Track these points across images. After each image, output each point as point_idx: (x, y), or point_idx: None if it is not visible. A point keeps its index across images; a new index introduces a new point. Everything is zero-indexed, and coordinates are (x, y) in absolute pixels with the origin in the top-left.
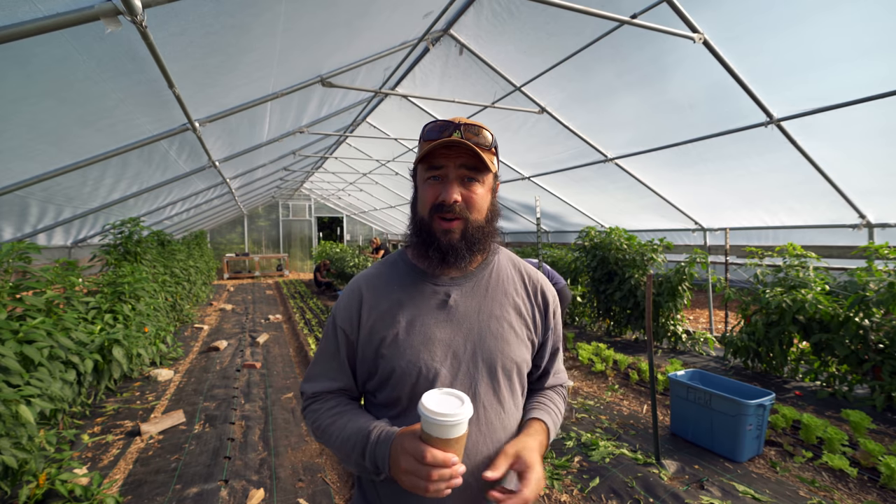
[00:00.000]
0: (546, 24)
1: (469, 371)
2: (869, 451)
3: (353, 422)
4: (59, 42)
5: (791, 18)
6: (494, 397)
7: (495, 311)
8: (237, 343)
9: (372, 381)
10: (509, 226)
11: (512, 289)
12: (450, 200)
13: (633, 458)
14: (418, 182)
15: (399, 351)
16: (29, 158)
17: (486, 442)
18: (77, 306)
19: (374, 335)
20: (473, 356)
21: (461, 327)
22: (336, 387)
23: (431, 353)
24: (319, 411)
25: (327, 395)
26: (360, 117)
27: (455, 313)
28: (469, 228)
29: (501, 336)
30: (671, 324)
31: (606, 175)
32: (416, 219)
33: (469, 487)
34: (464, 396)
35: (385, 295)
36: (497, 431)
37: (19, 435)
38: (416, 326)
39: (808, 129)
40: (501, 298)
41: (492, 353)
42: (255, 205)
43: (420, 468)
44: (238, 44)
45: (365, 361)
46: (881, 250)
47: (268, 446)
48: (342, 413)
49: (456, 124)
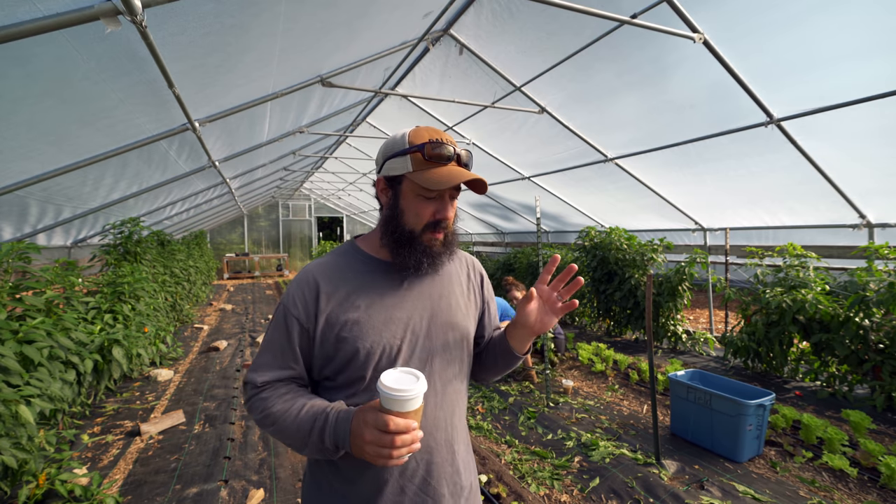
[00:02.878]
0: (546, 23)
1: (425, 345)
2: (869, 452)
3: (308, 405)
4: (58, 42)
5: (791, 18)
6: (448, 366)
7: (444, 291)
8: (237, 343)
9: (331, 366)
10: (509, 226)
11: (454, 271)
12: (449, 218)
13: (633, 459)
14: (405, 192)
15: (362, 332)
16: (28, 158)
17: (443, 406)
18: (77, 306)
19: (332, 321)
20: (428, 332)
21: (416, 306)
22: (287, 375)
23: (392, 332)
24: (269, 399)
25: (277, 384)
26: (360, 117)
27: (410, 294)
28: (448, 236)
29: (450, 311)
30: (671, 324)
31: (606, 175)
32: (401, 229)
33: (428, 450)
34: (419, 374)
35: (342, 282)
36: (450, 396)
37: (19, 435)
38: (375, 308)
39: (809, 129)
40: (447, 280)
41: (444, 327)
42: (255, 205)
43: (383, 437)
44: (238, 44)
45: (324, 347)
46: (881, 250)
47: (267, 446)
48: (295, 399)
49: (457, 152)
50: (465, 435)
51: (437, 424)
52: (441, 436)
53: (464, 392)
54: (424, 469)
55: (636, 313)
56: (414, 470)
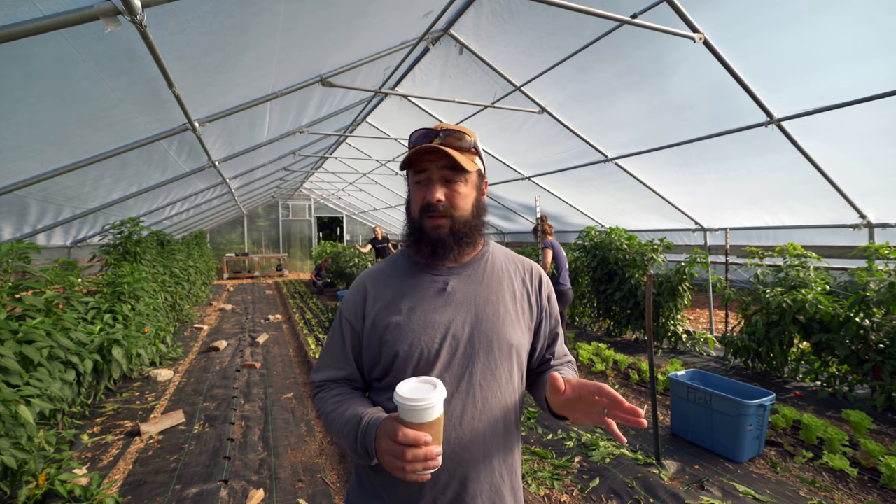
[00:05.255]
0: (546, 23)
1: (466, 351)
2: (869, 452)
3: (351, 408)
4: (58, 41)
5: (791, 18)
6: (491, 376)
7: (491, 297)
8: (237, 343)
9: (377, 369)
10: (509, 226)
11: (506, 276)
12: (433, 200)
13: (633, 459)
14: (409, 185)
15: (402, 335)
16: (28, 158)
17: (482, 419)
18: (76, 306)
19: (377, 324)
20: (470, 338)
21: (459, 311)
22: (340, 376)
23: (431, 336)
24: (324, 399)
25: (332, 384)
26: (360, 117)
27: (453, 299)
28: (456, 224)
29: (497, 318)
30: (671, 324)
31: (606, 175)
32: (410, 219)
33: (463, 464)
34: (437, 382)
35: (387, 287)
36: (493, 409)
37: (19, 435)
38: (416, 312)
39: (809, 129)
40: (496, 285)
41: (488, 334)
42: (254, 205)
43: (395, 447)
44: (238, 43)
45: (370, 350)
46: (881, 250)
47: (267, 446)
48: (343, 401)
49: (437, 131)
50: (511, 454)
51: (476, 438)
52: (478, 450)
53: (512, 406)
54: (459, 483)
55: (636, 313)
56: (446, 483)
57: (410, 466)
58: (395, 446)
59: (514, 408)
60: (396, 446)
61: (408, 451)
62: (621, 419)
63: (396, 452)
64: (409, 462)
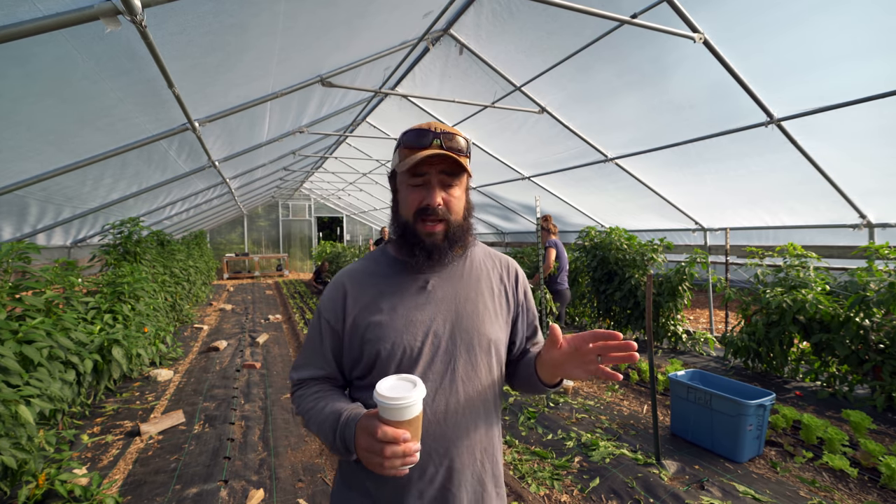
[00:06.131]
0: (546, 23)
1: (448, 348)
2: (869, 452)
3: (331, 405)
4: (58, 41)
5: (791, 18)
6: (473, 372)
7: (470, 294)
8: (237, 343)
9: (358, 368)
10: (509, 226)
11: (484, 273)
12: (434, 205)
13: (633, 459)
14: (399, 186)
15: (384, 334)
16: (28, 158)
17: (465, 412)
18: (76, 306)
19: (358, 323)
20: (452, 335)
21: (440, 309)
22: (320, 374)
23: (413, 334)
24: (303, 396)
25: (311, 382)
26: (360, 117)
27: (433, 297)
28: (451, 229)
29: (476, 315)
30: (671, 324)
31: (606, 175)
32: (399, 221)
33: (449, 456)
34: (417, 380)
35: (368, 286)
36: (474, 402)
37: (19, 435)
38: (398, 311)
39: (809, 129)
40: (475, 282)
41: (468, 331)
42: (254, 205)
43: (374, 444)
44: (237, 43)
45: (351, 349)
46: (881, 250)
47: (267, 446)
48: (322, 397)
49: (434, 132)
50: (493, 444)
51: (459, 431)
52: (464, 443)
53: (492, 399)
54: (444, 475)
55: (636, 313)
56: (433, 475)
57: (389, 463)
58: (375, 443)
59: (494, 400)
60: (376, 443)
61: (387, 448)
62: (615, 359)
63: (375, 449)
64: (387, 458)
